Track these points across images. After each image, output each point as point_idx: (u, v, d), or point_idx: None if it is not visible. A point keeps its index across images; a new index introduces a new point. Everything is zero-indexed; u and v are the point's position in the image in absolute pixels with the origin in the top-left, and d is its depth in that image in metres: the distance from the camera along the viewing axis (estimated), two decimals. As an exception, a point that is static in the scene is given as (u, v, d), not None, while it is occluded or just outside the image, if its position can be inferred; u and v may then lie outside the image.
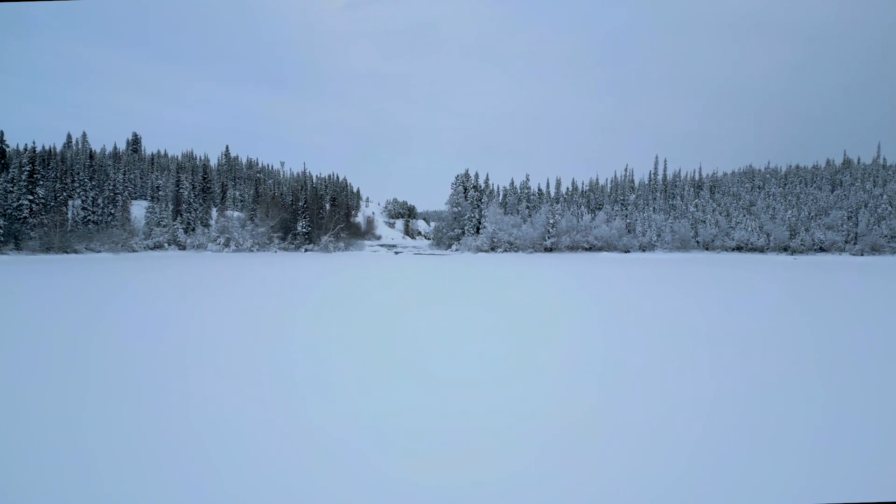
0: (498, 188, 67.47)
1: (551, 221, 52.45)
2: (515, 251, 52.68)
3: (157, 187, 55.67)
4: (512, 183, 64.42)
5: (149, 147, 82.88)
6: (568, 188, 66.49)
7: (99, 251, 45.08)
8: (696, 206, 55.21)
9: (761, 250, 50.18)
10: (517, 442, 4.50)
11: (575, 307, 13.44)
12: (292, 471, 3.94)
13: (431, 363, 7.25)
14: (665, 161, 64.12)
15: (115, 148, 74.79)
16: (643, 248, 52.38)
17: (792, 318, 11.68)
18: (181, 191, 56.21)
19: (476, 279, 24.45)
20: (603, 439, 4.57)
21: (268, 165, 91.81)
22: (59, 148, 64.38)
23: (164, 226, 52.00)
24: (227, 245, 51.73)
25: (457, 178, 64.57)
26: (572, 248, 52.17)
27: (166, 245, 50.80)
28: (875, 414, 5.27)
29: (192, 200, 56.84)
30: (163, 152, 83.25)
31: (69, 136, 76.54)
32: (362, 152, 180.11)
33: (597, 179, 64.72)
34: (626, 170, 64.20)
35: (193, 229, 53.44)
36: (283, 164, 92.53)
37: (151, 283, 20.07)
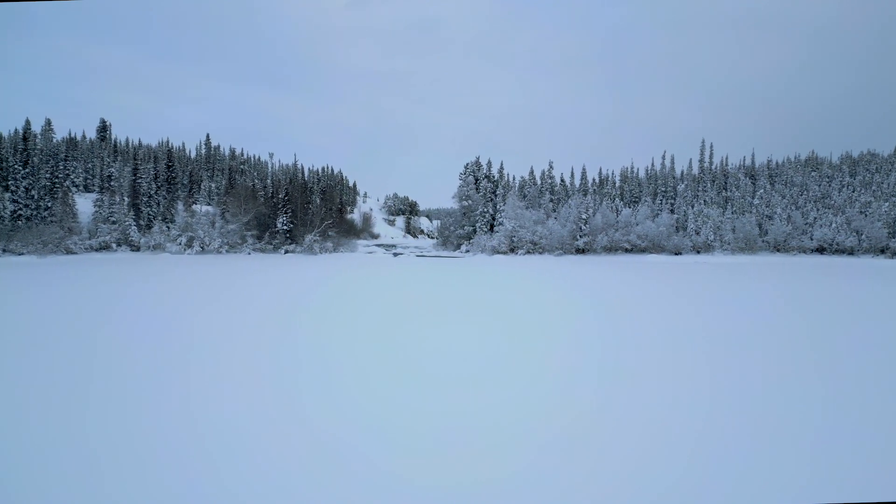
0: (513, 179, 57.97)
1: (584, 217, 42.88)
2: (540, 253, 43.17)
3: (110, 176, 46.52)
4: (531, 172, 54.86)
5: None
6: (594, 179, 56.92)
7: (21, 253, 36.07)
8: (761, 198, 45.40)
9: (850, 252, 40.43)
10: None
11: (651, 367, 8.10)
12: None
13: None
14: (711, 146, 54.39)
15: (83, 135, 65.96)
16: (697, 250, 42.70)
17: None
18: (139, 181, 47.10)
19: (501, 293, 17.84)
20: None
21: (254, 157, 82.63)
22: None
23: (115, 222, 42.98)
24: (189, 245, 42.64)
25: (466, 167, 55.13)
26: (610, 248, 42.59)
27: (114, 245, 41.74)
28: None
29: (152, 193, 47.74)
30: (136, 141, 74.27)
31: (27, 122, 67.40)
32: (364, 151, 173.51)
33: (631, 167, 55.04)
34: (663, 157, 54.57)
35: (150, 227, 44.27)
36: (271, 155, 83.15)
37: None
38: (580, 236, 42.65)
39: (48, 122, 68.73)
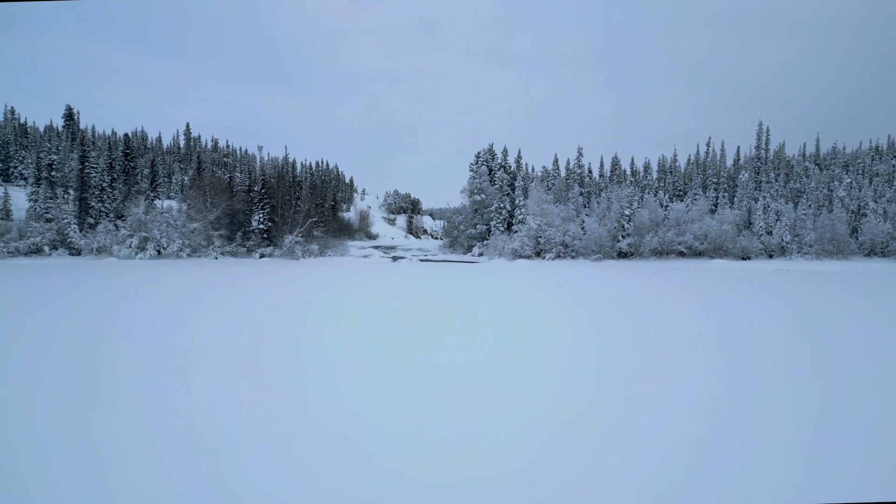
0: (531, 170, 49.84)
1: (627, 213, 34.69)
2: (573, 257, 35.01)
3: (51, 165, 38.69)
4: (555, 161, 46.67)
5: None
6: (626, 170, 48.66)
7: (-86, 259, 28.29)
8: (847, 189, 37.02)
9: (973, 257, 32.15)
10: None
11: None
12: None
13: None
14: (768, 130, 46.04)
15: (49, 124, 58.48)
16: (770, 253, 34.42)
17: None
18: (87, 171, 39.24)
19: (553, 323, 11.54)
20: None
21: (241, 149, 74.94)
22: None
23: (50, 219, 35.20)
24: (142, 248, 34.74)
25: (478, 156, 47.12)
26: (660, 252, 34.36)
27: (47, 248, 33.89)
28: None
29: (105, 185, 39.85)
30: (107, 132, 66.72)
31: (-19, 109, 59.66)
32: (365, 150, 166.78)
33: (674, 156, 46.78)
34: (708, 144, 46.29)
35: (94, 226, 36.40)
36: (260, 148, 75.29)
37: None
38: (623, 236, 34.45)
39: (11, 110, 61.21)
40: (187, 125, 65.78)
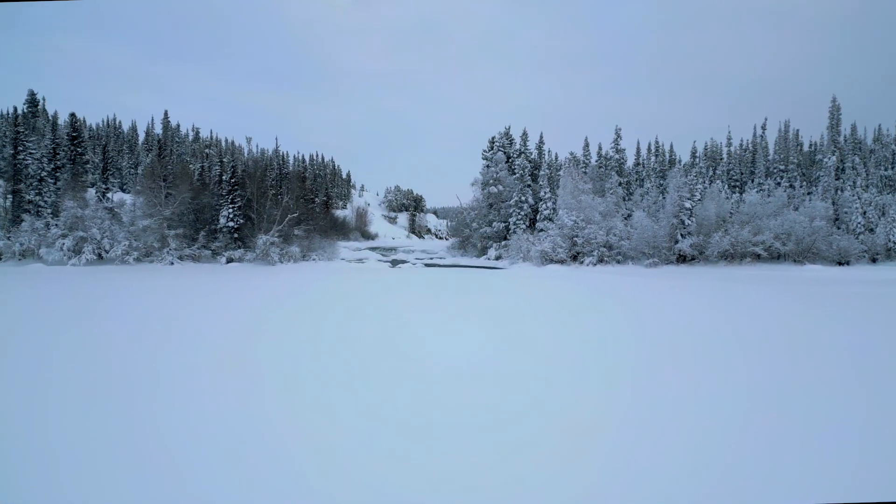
0: (555, 157, 42.50)
1: (687, 206, 27.33)
2: (619, 261, 27.68)
3: (-24, 150, 31.78)
4: (585, 146, 39.23)
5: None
6: (671, 158, 41.17)
7: None
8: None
9: None
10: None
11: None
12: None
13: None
14: (839, 108, 38.45)
15: (18, 111, 51.70)
16: (874, 257, 26.98)
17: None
18: (22, 158, 32.39)
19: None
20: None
21: (227, 140, 67.96)
22: None
23: (-35, 216, 28.35)
24: (78, 252, 27.75)
25: (492, 141, 39.89)
26: (731, 256, 26.95)
27: (-46, 252, 26.99)
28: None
29: (44, 175, 32.98)
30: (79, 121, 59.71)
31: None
32: (368, 150, 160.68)
33: (728, 139, 39.25)
34: (764, 126, 38.81)
35: (19, 223, 29.46)
36: (249, 139, 68.29)
37: None
38: (683, 235, 27.08)
39: (-30, 98, 54.59)
40: (165, 113, 58.77)
